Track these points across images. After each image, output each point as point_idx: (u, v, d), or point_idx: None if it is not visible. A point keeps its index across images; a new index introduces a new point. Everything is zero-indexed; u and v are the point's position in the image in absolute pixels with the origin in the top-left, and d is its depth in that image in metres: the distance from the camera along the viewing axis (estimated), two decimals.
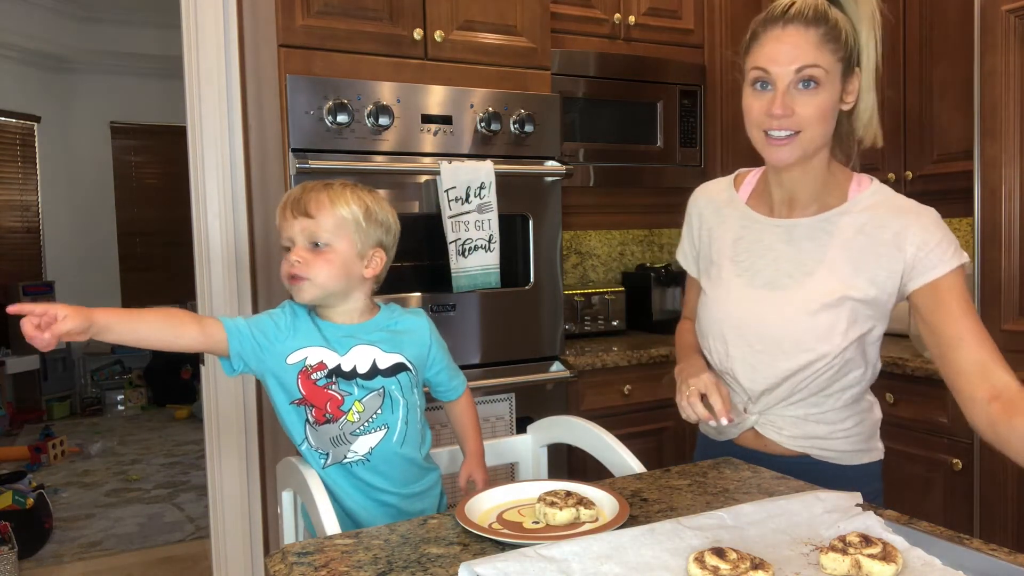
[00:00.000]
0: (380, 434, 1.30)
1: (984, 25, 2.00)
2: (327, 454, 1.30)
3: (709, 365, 1.38)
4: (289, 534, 1.37)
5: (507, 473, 1.72)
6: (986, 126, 2.01)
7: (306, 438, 1.30)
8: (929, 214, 1.24)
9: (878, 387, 2.41)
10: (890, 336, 2.67)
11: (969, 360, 1.17)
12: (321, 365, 1.28)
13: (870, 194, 1.28)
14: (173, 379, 6.46)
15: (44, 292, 6.10)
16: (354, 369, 1.29)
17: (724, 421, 1.23)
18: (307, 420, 1.30)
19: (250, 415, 2.47)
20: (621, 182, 2.83)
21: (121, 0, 6.33)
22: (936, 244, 1.20)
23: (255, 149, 2.42)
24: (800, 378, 1.27)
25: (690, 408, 1.26)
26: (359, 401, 1.29)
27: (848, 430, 1.32)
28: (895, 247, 1.21)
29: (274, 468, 2.25)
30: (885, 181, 2.73)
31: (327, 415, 1.28)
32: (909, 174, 2.60)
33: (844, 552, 0.85)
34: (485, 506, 1.12)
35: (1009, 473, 2.00)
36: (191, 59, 2.37)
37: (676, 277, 3.01)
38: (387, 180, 2.16)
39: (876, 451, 1.37)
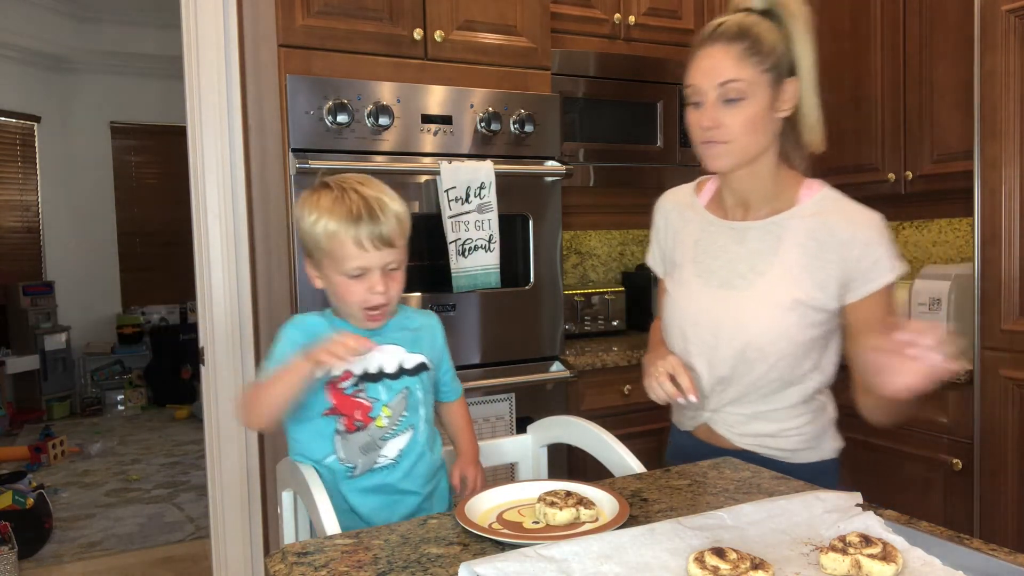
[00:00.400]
0: (407, 436, 1.31)
1: (984, 25, 2.00)
2: (355, 465, 1.28)
3: None
4: (289, 534, 1.37)
5: (507, 473, 1.72)
6: (986, 126, 2.01)
7: (334, 451, 1.28)
8: (875, 223, 1.29)
9: None
10: None
11: None
12: (347, 375, 1.27)
13: (820, 199, 1.33)
14: (173, 379, 6.46)
15: (44, 292, 6.10)
16: (380, 370, 1.29)
17: (692, 398, 1.28)
18: (336, 431, 1.28)
19: None
20: (621, 182, 2.83)
21: (121, 0, 6.33)
22: (878, 257, 1.27)
23: (255, 149, 2.42)
24: (751, 377, 1.32)
25: (659, 387, 1.31)
26: (386, 405, 1.29)
27: (798, 429, 1.36)
28: (842, 254, 1.27)
29: (274, 468, 2.24)
30: (885, 181, 2.76)
31: (357, 423, 1.28)
32: (909, 174, 2.60)
33: (844, 552, 0.85)
34: (485, 506, 1.12)
35: (1009, 473, 2.00)
36: (191, 59, 2.37)
37: None
38: (387, 180, 2.13)
39: (828, 449, 1.41)
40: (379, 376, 1.29)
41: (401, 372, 1.31)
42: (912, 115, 2.58)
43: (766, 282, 1.30)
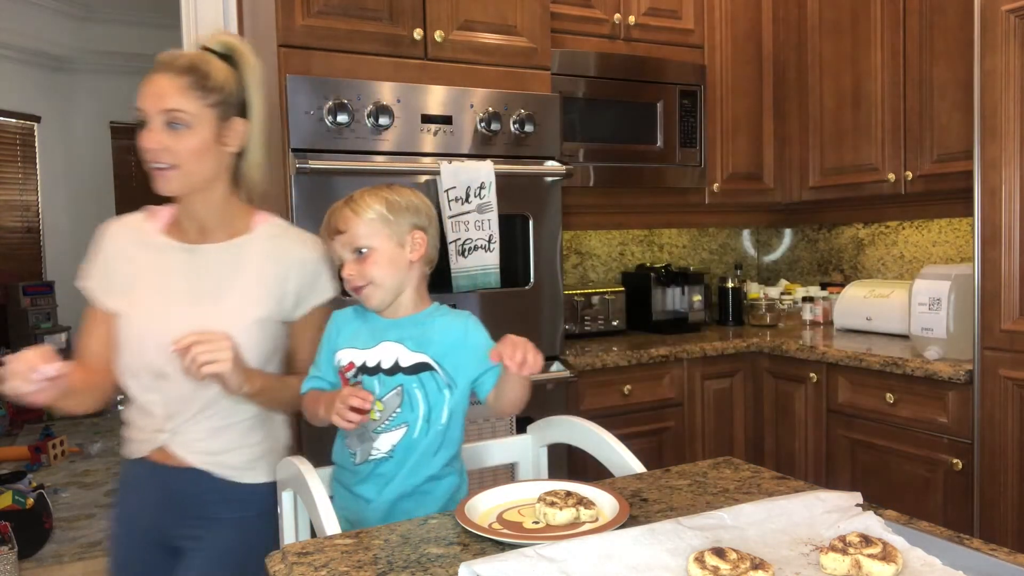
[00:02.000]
0: (401, 432, 1.32)
1: (984, 25, 2.00)
2: (355, 452, 1.35)
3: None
4: (289, 534, 1.37)
5: (507, 473, 1.72)
6: (986, 126, 2.01)
7: (345, 435, 1.37)
8: (319, 246, 1.44)
9: (877, 386, 2.43)
10: (890, 336, 2.67)
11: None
12: (351, 365, 1.36)
13: (271, 227, 1.47)
14: None
15: (44, 292, 6.10)
16: (378, 364, 1.34)
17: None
18: None
19: None
20: (621, 182, 2.83)
21: (121, 0, 6.33)
22: (322, 274, 1.46)
23: None
24: (214, 391, 1.35)
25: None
26: (379, 400, 1.32)
27: (252, 447, 1.44)
28: (299, 271, 1.44)
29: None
30: (885, 181, 2.76)
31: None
32: (909, 174, 2.60)
33: (844, 552, 0.85)
34: (485, 506, 1.12)
35: (1009, 473, 2.00)
36: None
37: (676, 277, 3.01)
38: (387, 180, 2.15)
39: (274, 472, 1.44)
40: (376, 370, 1.34)
41: (397, 369, 1.33)
42: (912, 115, 2.59)
43: (230, 300, 1.39)
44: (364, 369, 1.34)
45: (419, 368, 1.34)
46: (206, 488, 1.41)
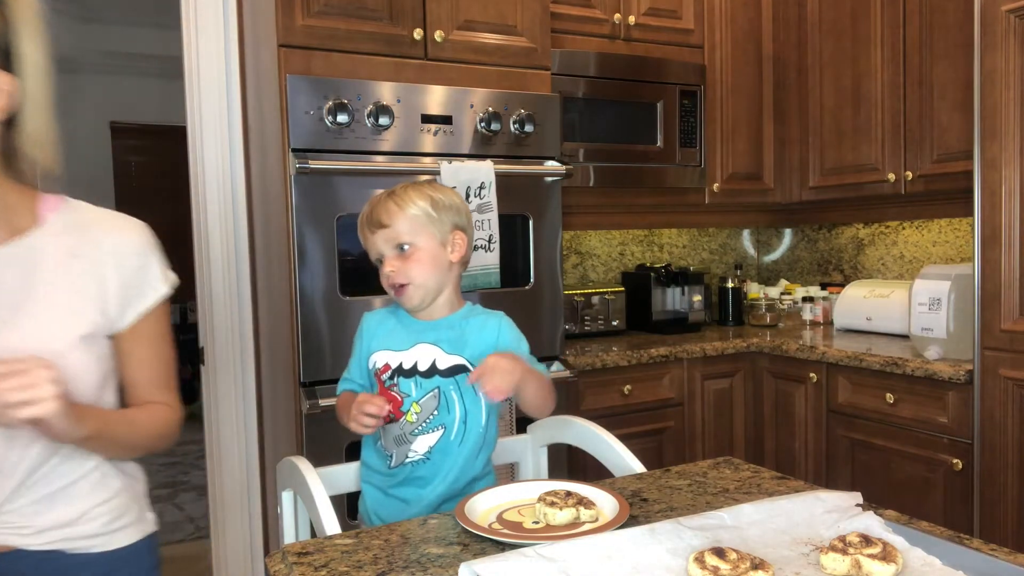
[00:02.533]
0: (438, 434, 1.32)
1: (984, 25, 2.00)
2: (391, 454, 1.34)
3: None
4: (289, 534, 1.37)
5: (507, 473, 1.72)
6: (986, 126, 2.01)
7: (380, 437, 1.35)
8: (144, 229, 1.13)
9: (877, 386, 2.43)
10: (890, 336, 2.67)
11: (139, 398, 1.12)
12: (386, 367, 1.34)
13: (70, 211, 1.10)
14: None
15: None
16: (415, 366, 1.33)
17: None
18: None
19: (250, 414, 2.47)
20: (621, 182, 2.83)
21: (121, 0, 6.33)
22: (151, 264, 1.13)
23: (255, 149, 2.42)
24: (37, 449, 1.02)
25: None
26: (416, 402, 1.31)
27: (110, 502, 1.11)
28: (117, 265, 1.08)
29: (274, 468, 2.24)
30: (885, 181, 2.76)
31: (391, 415, 1.32)
32: (909, 174, 2.60)
33: (844, 552, 0.85)
34: (485, 506, 1.12)
35: (1009, 473, 2.00)
36: (191, 59, 2.37)
37: (676, 277, 3.01)
38: (387, 180, 2.16)
39: (148, 521, 1.18)
40: (412, 372, 1.33)
41: (433, 372, 1.32)
42: (912, 115, 2.59)
43: (36, 318, 1.02)
44: (400, 371, 1.32)
45: (456, 371, 1.33)
46: (59, 574, 1.06)
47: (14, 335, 1.00)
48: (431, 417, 1.31)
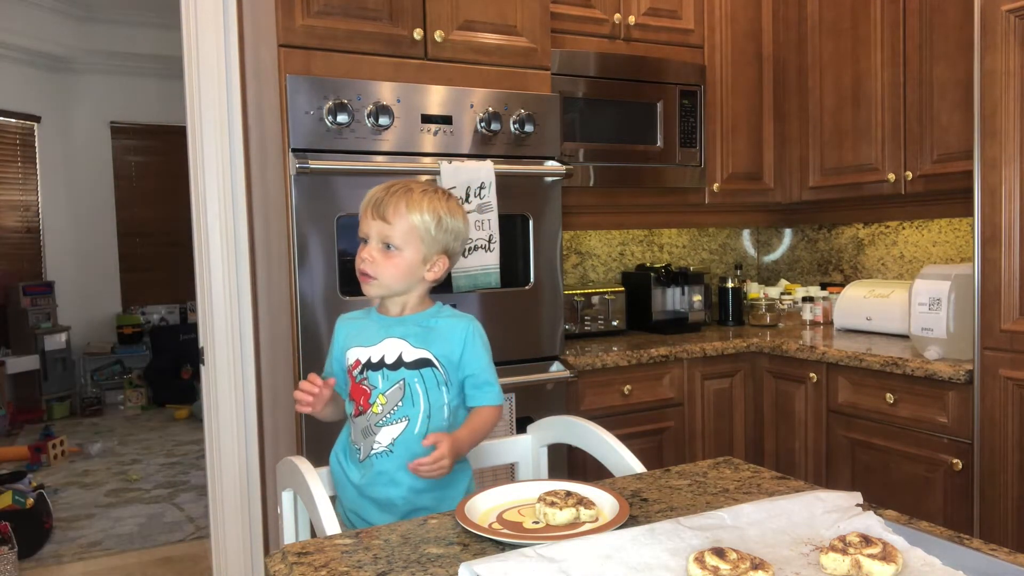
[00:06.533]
0: (401, 426, 1.34)
1: (984, 25, 2.00)
2: (360, 447, 1.37)
3: None
4: (289, 534, 1.37)
5: (507, 473, 1.72)
6: (986, 126, 2.01)
7: (350, 432, 1.40)
8: None
9: (877, 386, 2.43)
10: (890, 336, 2.67)
11: None
12: (357, 363, 1.38)
13: None
14: (173, 379, 6.45)
15: (44, 292, 6.10)
16: (382, 359, 1.36)
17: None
18: (349, 413, 1.41)
19: (250, 415, 2.47)
20: (621, 182, 2.83)
21: (121, 0, 6.33)
22: None
23: (255, 149, 2.42)
24: None
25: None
26: (383, 394, 1.35)
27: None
28: None
29: (274, 468, 2.24)
30: (885, 181, 2.76)
31: (360, 408, 1.37)
32: (909, 174, 2.60)
33: (844, 552, 0.85)
34: (485, 506, 1.12)
35: (1009, 473, 2.00)
36: (191, 59, 2.37)
37: (676, 277, 3.01)
38: (387, 180, 2.15)
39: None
40: (380, 365, 1.36)
41: (400, 364, 1.35)
42: (912, 115, 2.59)
43: None
44: (369, 365, 1.36)
45: (421, 363, 1.36)
46: None
47: None
48: (396, 408, 1.35)
